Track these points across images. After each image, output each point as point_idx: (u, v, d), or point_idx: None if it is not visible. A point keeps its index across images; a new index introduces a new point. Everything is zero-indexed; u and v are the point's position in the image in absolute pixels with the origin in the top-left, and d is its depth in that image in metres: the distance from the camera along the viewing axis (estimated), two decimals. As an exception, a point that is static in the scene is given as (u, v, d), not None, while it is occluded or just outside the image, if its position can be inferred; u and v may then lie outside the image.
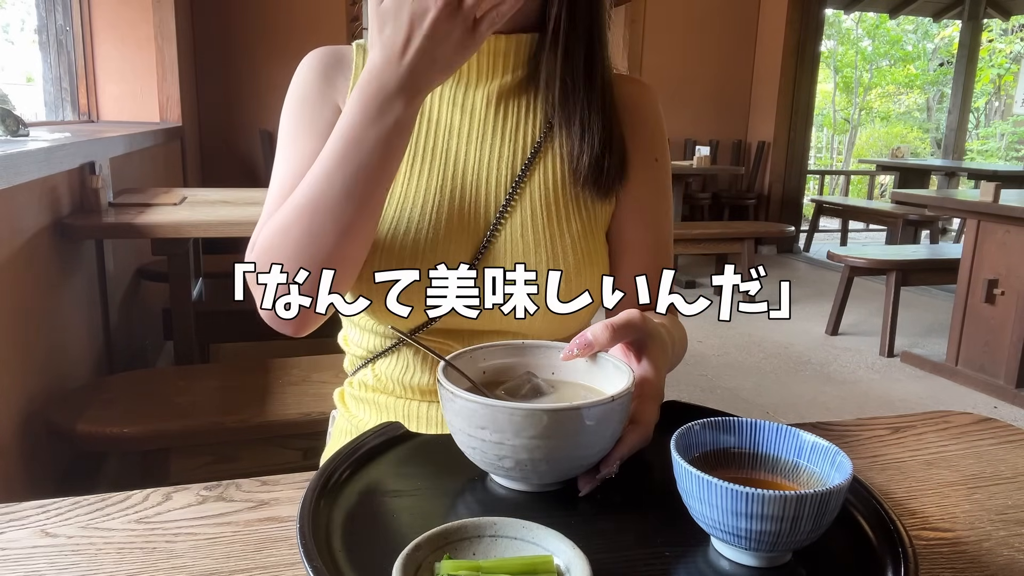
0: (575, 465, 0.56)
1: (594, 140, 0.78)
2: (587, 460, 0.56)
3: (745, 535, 0.49)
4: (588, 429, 0.53)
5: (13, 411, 1.57)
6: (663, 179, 0.86)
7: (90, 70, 3.50)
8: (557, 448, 0.53)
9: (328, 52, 0.83)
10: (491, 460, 0.55)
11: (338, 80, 0.81)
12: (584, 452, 0.55)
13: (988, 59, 11.92)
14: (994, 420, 0.82)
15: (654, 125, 0.86)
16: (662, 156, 0.86)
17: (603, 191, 0.81)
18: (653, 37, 5.99)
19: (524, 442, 0.52)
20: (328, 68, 0.82)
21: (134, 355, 2.69)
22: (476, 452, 0.55)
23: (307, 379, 1.79)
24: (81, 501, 0.59)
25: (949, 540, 0.58)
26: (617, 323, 0.59)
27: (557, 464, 0.54)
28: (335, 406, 0.95)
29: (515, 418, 0.52)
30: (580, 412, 0.52)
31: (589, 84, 0.79)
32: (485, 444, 0.54)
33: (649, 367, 0.61)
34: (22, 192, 1.70)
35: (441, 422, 0.84)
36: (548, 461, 0.53)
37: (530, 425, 0.51)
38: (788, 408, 3.04)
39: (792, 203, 6.46)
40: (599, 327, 0.59)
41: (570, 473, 0.56)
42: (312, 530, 0.51)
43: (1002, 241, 3.13)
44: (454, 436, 0.57)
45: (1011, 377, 3.11)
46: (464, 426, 0.54)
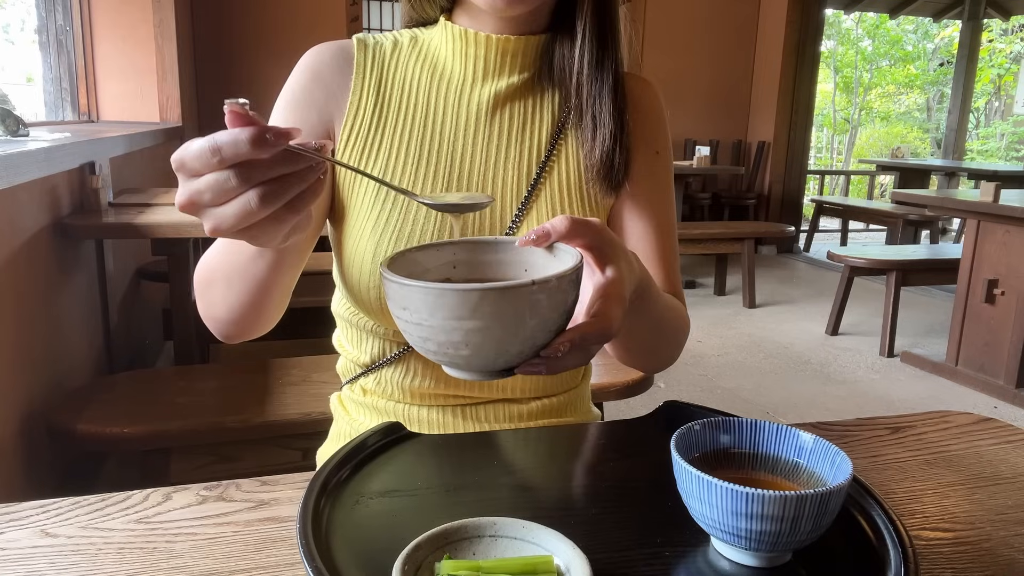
0: (502, 351, 0.51)
1: (606, 136, 0.79)
2: (513, 347, 0.51)
3: (745, 535, 0.49)
4: (502, 313, 0.48)
5: (13, 411, 1.57)
6: (663, 172, 0.85)
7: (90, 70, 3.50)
8: (476, 331, 0.49)
9: (328, 50, 0.81)
10: (418, 342, 0.52)
11: (334, 81, 0.80)
12: (505, 336, 0.50)
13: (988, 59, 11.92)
14: (994, 420, 0.82)
15: (656, 119, 0.86)
16: (664, 149, 0.86)
17: (612, 187, 0.81)
18: (653, 37, 5.99)
19: (440, 323, 0.49)
20: (324, 67, 0.80)
21: (134, 355, 2.69)
22: (407, 335, 0.52)
23: (307, 379, 1.79)
24: (81, 501, 0.59)
25: (949, 540, 0.58)
26: (578, 217, 0.55)
27: (480, 349, 0.50)
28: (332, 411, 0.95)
29: (428, 298, 0.48)
30: (491, 293, 0.48)
31: (601, 80, 0.79)
32: (409, 325, 0.51)
33: (613, 272, 0.56)
34: (22, 192, 1.70)
35: (441, 425, 0.84)
36: (468, 344, 0.50)
37: (443, 305, 0.48)
38: (788, 408, 3.04)
39: (792, 203, 6.46)
40: (559, 217, 0.55)
41: (501, 359, 0.52)
42: (312, 530, 0.51)
43: (1002, 241, 3.13)
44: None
45: (1011, 377, 3.11)
46: (393, 308, 0.51)
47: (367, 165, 0.78)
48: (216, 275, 0.72)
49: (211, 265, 0.72)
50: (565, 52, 0.79)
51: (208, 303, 0.74)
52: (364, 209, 0.77)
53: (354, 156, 0.78)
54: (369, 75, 0.80)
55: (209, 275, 0.72)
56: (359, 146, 0.78)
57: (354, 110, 0.79)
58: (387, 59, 0.81)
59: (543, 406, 0.86)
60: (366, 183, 0.78)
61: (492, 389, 0.84)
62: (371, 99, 0.79)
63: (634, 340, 0.75)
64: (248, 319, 0.74)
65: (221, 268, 0.71)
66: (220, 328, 0.76)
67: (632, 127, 0.83)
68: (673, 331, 0.78)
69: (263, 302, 0.72)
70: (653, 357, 0.81)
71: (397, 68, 0.81)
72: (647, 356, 0.80)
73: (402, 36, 0.84)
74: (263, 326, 0.77)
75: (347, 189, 0.79)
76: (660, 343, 0.78)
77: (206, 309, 0.75)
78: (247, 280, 0.69)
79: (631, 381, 1.87)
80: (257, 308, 0.72)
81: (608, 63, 0.78)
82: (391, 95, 0.80)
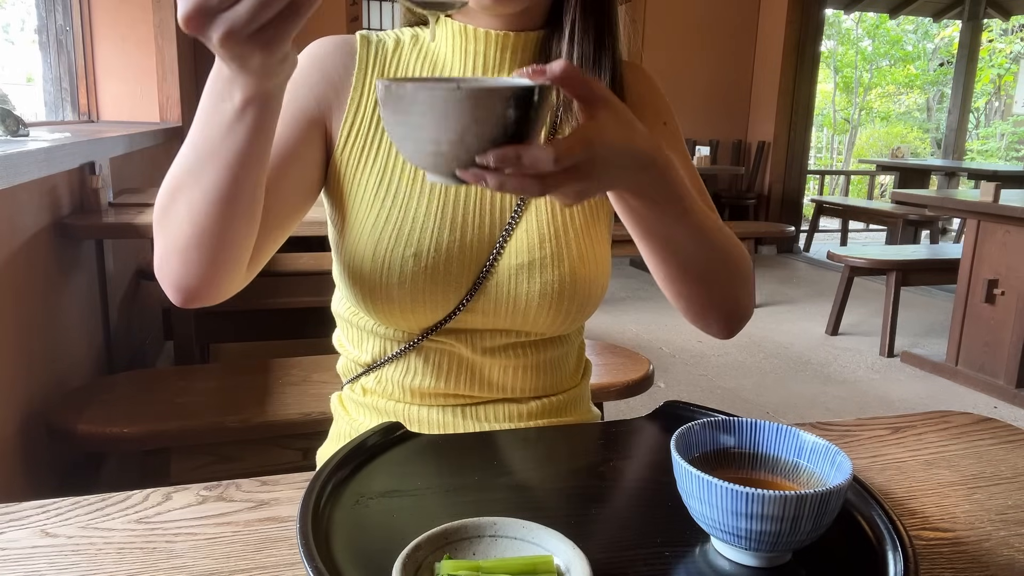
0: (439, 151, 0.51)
1: None
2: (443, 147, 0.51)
3: (745, 535, 0.49)
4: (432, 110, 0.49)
5: (13, 411, 1.57)
6: (676, 141, 0.84)
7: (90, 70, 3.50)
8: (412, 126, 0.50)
9: (331, 42, 0.82)
10: (398, 143, 0.53)
11: (336, 74, 0.80)
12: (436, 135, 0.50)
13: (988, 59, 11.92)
14: (994, 420, 0.82)
15: (655, 96, 0.85)
16: (670, 120, 0.85)
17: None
18: (653, 37, 6.00)
19: (390, 117, 0.51)
20: (327, 58, 0.80)
21: (134, 355, 2.69)
22: (390, 135, 0.54)
23: (307, 379, 1.79)
24: (81, 501, 0.59)
25: (949, 540, 0.58)
26: (578, 71, 0.55)
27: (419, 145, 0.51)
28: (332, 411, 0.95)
29: (382, 94, 0.51)
30: (421, 91, 0.49)
31: (598, 75, 0.78)
32: (389, 125, 0.52)
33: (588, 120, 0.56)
34: (22, 192, 1.70)
35: (441, 425, 0.84)
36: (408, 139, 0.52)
37: (390, 100, 0.51)
38: (788, 408, 3.04)
39: (792, 203, 6.46)
40: (560, 61, 0.54)
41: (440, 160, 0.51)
42: (312, 530, 0.51)
43: (1002, 241, 3.13)
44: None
45: (1011, 377, 3.11)
46: (380, 110, 0.54)
47: (368, 163, 0.78)
48: (181, 177, 0.64)
49: (174, 172, 0.65)
50: (563, 48, 0.78)
51: (170, 225, 0.65)
52: (364, 207, 0.77)
53: (355, 153, 0.78)
54: (371, 71, 0.80)
55: (173, 183, 0.64)
56: (359, 144, 0.79)
57: (355, 107, 0.79)
58: (389, 56, 0.81)
59: (543, 406, 0.86)
60: (366, 182, 0.78)
61: (492, 389, 0.84)
62: (372, 96, 0.80)
63: (680, 254, 0.70)
64: (214, 241, 0.64)
65: (187, 163, 0.63)
66: (180, 270, 0.66)
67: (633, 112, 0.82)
68: (727, 253, 0.73)
69: (232, 212, 0.63)
70: (716, 286, 0.74)
71: (399, 65, 0.81)
72: (708, 283, 0.74)
73: (403, 34, 0.84)
74: (227, 266, 0.67)
75: (347, 187, 0.79)
76: (716, 265, 0.72)
77: (167, 241, 0.66)
78: (218, 165, 0.61)
79: (631, 381, 1.87)
80: (225, 221, 0.63)
81: (605, 60, 0.77)
82: None
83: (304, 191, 0.77)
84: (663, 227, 0.66)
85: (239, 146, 0.59)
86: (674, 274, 0.73)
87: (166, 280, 0.68)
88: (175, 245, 0.65)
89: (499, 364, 0.83)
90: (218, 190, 0.61)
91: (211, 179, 0.61)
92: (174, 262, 0.66)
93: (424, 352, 0.82)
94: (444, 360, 0.82)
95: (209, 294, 0.69)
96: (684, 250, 0.69)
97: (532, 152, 0.50)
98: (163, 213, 0.66)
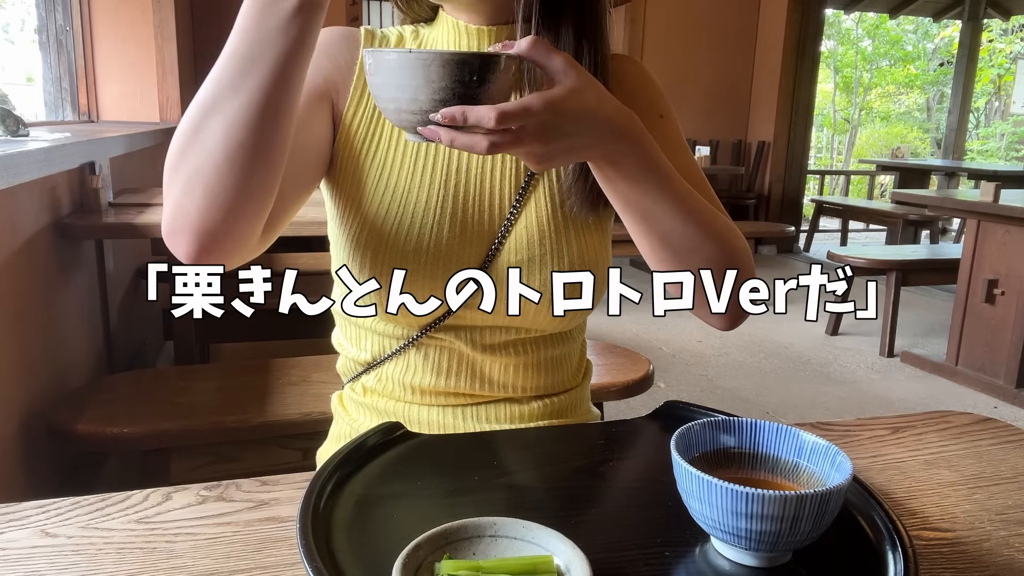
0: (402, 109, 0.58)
1: None
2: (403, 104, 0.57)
3: (745, 535, 0.49)
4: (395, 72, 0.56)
5: (13, 411, 1.57)
6: (674, 134, 0.83)
7: (90, 70, 3.50)
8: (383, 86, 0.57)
9: (336, 31, 0.82)
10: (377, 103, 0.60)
11: (341, 59, 0.81)
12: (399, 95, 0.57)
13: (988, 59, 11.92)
14: (994, 420, 0.82)
15: (650, 88, 0.84)
16: (667, 112, 0.84)
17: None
18: (653, 37, 5.99)
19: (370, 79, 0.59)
20: (333, 44, 0.81)
21: (134, 355, 2.69)
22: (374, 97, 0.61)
23: (307, 379, 1.79)
24: (81, 501, 0.59)
25: (949, 540, 0.58)
26: (544, 43, 0.59)
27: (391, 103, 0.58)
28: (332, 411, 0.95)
29: (368, 59, 0.58)
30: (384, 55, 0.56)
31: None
32: (371, 88, 0.59)
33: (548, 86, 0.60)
34: (22, 192, 1.70)
35: (442, 425, 0.84)
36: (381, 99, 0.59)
37: (370, 65, 0.58)
38: (788, 408, 3.04)
39: (792, 203, 6.46)
40: (528, 38, 0.59)
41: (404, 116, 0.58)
42: (312, 530, 0.51)
43: (1002, 241, 3.13)
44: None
45: (1011, 377, 3.11)
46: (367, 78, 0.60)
47: (367, 157, 0.79)
48: (216, 93, 0.60)
49: (204, 93, 0.61)
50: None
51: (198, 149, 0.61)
52: (364, 201, 0.78)
53: (356, 145, 0.79)
54: None
55: (205, 102, 0.61)
56: (360, 135, 0.79)
57: (358, 95, 0.80)
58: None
59: (543, 406, 0.86)
60: (366, 175, 0.78)
61: (493, 387, 0.84)
62: None
63: (661, 228, 0.69)
64: (250, 161, 0.61)
65: (224, 76, 0.60)
66: (204, 203, 0.61)
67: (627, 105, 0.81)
68: (718, 235, 0.72)
69: (274, 126, 0.61)
70: (698, 256, 0.71)
71: None
72: (696, 264, 0.71)
73: (404, 31, 0.85)
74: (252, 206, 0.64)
75: (347, 179, 0.79)
76: (704, 246, 0.71)
77: (192, 169, 0.61)
78: (264, 70, 0.59)
79: (631, 381, 1.87)
80: (265, 136, 0.61)
81: (587, 52, 0.76)
82: None
83: (314, 161, 0.77)
84: (641, 199, 0.67)
85: (290, 47, 0.59)
86: (658, 250, 0.71)
87: (183, 223, 0.62)
88: (204, 171, 0.60)
89: (500, 362, 0.83)
90: (265, 96, 0.59)
91: (256, 85, 0.59)
92: (198, 194, 0.61)
93: (424, 349, 0.82)
94: (444, 357, 0.82)
95: (226, 244, 0.64)
96: (664, 224, 0.69)
97: (476, 111, 0.55)
98: (186, 146, 0.61)
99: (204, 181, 0.60)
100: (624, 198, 0.67)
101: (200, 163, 0.60)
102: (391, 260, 0.76)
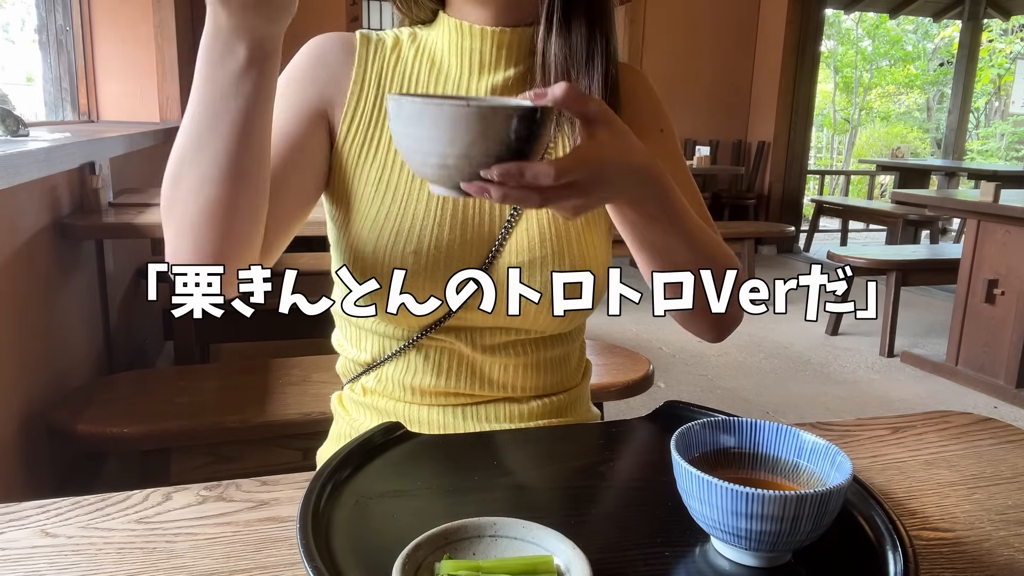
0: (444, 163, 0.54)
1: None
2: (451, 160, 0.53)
3: (745, 535, 0.49)
4: (437, 124, 0.52)
5: (13, 411, 1.57)
6: (674, 149, 0.85)
7: (90, 70, 3.49)
8: (419, 138, 0.53)
9: (332, 38, 0.82)
10: (405, 155, 0.57)
11: (337, 67, 0.80)
12: (440, 147, 0.53)
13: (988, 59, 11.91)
14: (994, 420, 0.82)
15: (652, 101, 0.85)
16: (667, 127, 0.85)
17: None
18: (653, 37, 5.99)
19: (397, 128, 0.55)
20: (327, 55, 0.81)
21: (134, 355, 2.69)
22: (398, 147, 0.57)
23: (307, 379, 1.79)
24: (81, 501, 0.59)
25: (949, 540, 0.58)
26: (578, 89, 0.57)
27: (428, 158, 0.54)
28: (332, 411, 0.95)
29: (392, 106, 0.54)
30: (430, 106, 0.52)
31: (590, 75, 0.78)
32: (398, 137, 0.55)
33: (588, 139, 0.59)
34: (22, 192, 1.70)
35: (442, 425, 0.84)
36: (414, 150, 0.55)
37: (399, 115, 0.54)
38: (788, 408, 3.04)
39: (792, 203, 6.46)
40: (561, 84, 0.57)
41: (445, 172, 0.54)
42: (312, 530, 0.51)
43: (1002, 241, 3.13)
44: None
45: (1011, 377, 3.11)
46: (390, 122, 0.56)
47: (368, 159, 0.79)
48: (185, 151, 0.63)
49: (177, 150, 0.64)
50: (551, 43, 0.78)
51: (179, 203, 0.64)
52: (364, 204, 0.78)
53: (354, 149, 0.79)
54: (371, 68, 0.80)
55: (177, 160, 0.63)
56: (359, 139, 0.79)
57: (355, 101, 0.79)
58: (388, 54, 0.82)
59: (543, 405, 0.86)
60: (366, 178, 0.78)
61: (493, 387, 0.84)
62: (372, 92, 0.80)
63: (673, 262, 0.71)
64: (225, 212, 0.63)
65: (190, 135, 0.62)
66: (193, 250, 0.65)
67: (629, 116, 0.82)
68: (715, 259, 0.73)
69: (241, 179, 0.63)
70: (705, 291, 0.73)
71: (398, 63, 0.82)
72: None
73: (402, 33, 0.84)
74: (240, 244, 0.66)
75: (347, 183, 0.79)
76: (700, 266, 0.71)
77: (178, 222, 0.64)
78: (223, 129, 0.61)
79: (631, 381, 1.87)
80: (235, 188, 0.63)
81: (597, 57, 0.77)
82: (392, 90, 0.80)
83: (312, 182, 0.78)
84: (657, 236, 0.68)
85: (245, 104, 0.60)
86: (657, 269, 0.72)
87: (181, 260, 0.66)
88: (186, 223, 0.64)
89: (500, 362, 0.83)
90: (227, 155, 0.61)
91: (218, 145, 0.61)
92: (188, 242, 0.65)
93: (424, 350, 0.82)
94: (444, 358, 0.82)
95: (224, 277, 0.66)
96: (677, 257, 0.71)
97: (534, 168, 0.53)
98: (170, 194, 0.65)
99: (189, 231, 0.64)
100: (640, 235, 0.69)
101: (183, 214, 0.64)
102: (391, 262, 0.76)
